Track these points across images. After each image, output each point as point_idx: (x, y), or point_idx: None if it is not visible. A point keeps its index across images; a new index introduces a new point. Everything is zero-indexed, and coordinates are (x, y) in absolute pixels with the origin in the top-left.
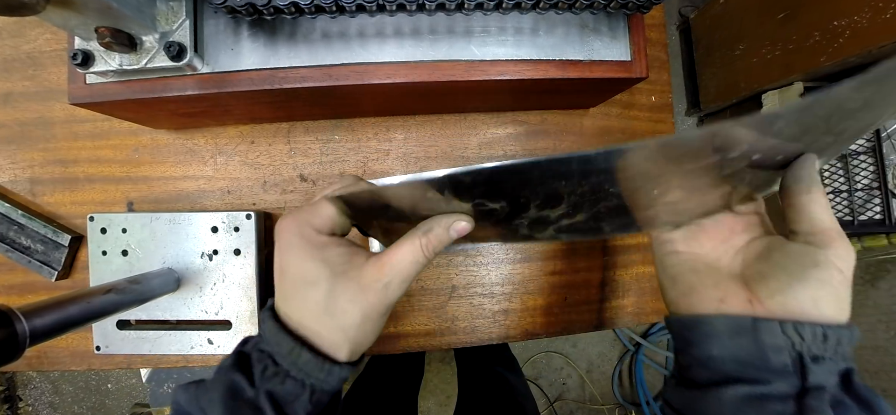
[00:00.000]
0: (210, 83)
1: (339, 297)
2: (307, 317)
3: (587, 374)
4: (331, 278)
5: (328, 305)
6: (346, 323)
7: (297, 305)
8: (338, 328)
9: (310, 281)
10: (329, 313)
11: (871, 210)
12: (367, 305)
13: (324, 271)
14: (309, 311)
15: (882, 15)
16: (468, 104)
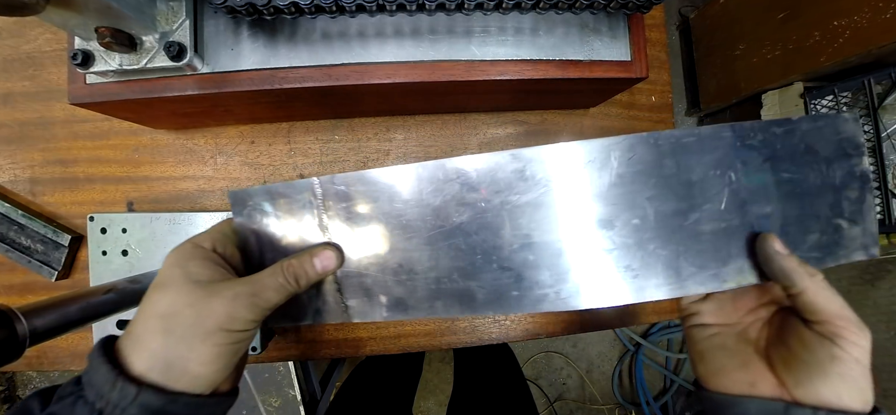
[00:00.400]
0: (210, 83)
1: (177, 299)
2: (140, 319)
3: (587, 374)
4: (179, 283)
5: (166, 307)
6: (172, 326)
7: (140, 311)
8: (158, 334)
9: (160, 284)
10: (162, 315)
11: None
12: (204, 311)
13: (176, 276)
14: (145, 312)
15: (882, 15)
16: (468, 104)
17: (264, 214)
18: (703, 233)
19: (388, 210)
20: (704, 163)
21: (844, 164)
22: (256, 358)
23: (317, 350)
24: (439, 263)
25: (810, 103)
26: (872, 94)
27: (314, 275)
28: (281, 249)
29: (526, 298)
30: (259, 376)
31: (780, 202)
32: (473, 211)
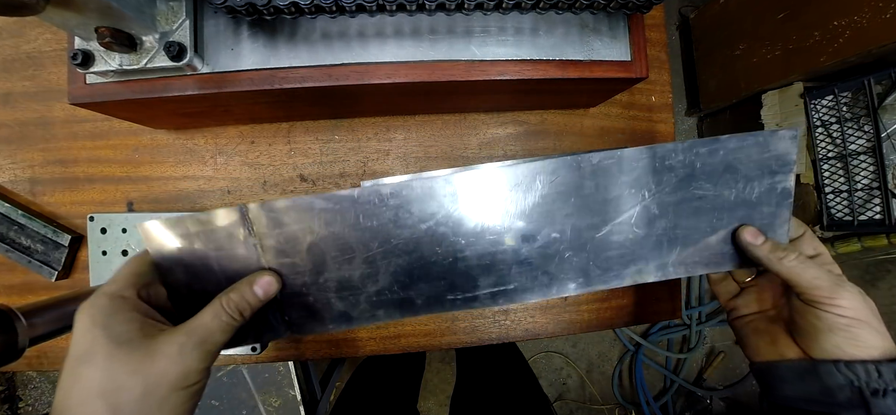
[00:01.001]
0: (210, 83)
1: (116, 369)
2: (75, 406)
3: (587, 374)
4: (109, 349)
5: (100, 384)
6: (119, 402)
7: (70, 396)
8: (105, 411)
9: (86, 357)
10: (100, 394)
11: (871, 210)
12: (151, 377)
13: (100, 341)
14: (77, 398)
15: (882, 15)
16: (468, 104)
17: (190, 245)
18: (612, 243)
19: (324, 234)
20: (621, 183)
21: (767, 180)
22: (256, 358)
23: (317, 350)
24: (379, 279)
25: (810, 103)
26: (872, 94)
27: (256, 303)
28: (212, 279)
29: (459, 300)
30: (259, 376)
31: (686, 217)
32: (410, 231)
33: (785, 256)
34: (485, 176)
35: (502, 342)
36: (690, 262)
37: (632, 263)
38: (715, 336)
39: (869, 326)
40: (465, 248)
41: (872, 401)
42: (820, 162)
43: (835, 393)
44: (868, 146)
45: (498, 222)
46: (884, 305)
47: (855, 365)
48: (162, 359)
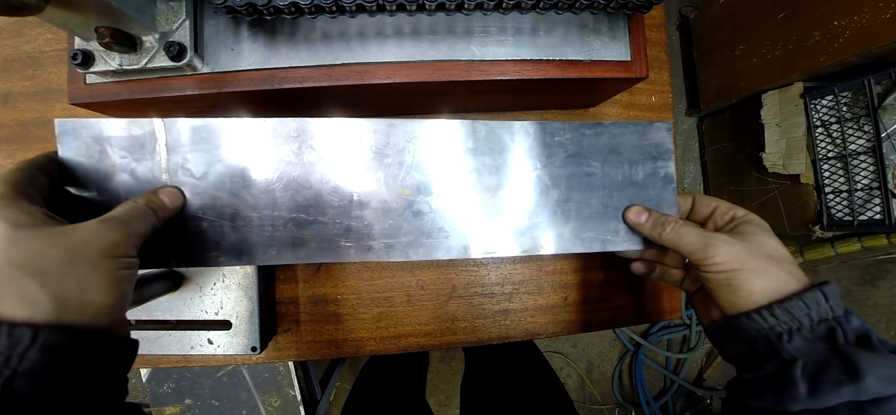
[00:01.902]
0: (210, 83)
1: (28, 244)
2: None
3: (587, 374)
4: (13, 231)
5: (10, 255)
6: (42, 266)
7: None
8: (27, 277)
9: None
10: (13, 264)
11: (871, 210)
12: (75, 243)
13: (2, 227)
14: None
15: (882, 15)
16: (468, 104)
17: (100, 152)
18: (506, 208)
19: (229, 159)
20: (514, 151)
21: (650, 165)
22: (256, 358)
23: (317, 350)
24: (275, 214)
25: (810, 103)
26: (872, 94)
27: (165, 208)
28: (117, 189)
29: (352, 248)
30: (259, 376)
31: (578, 191)
32: (308, 168)
33: (663, 230)
34: (387, 126)
35: (502, 342)
36: (587, 237)
37: (528, 231)
38: None
39: (748, 271)
40: (361, 195)
41: (779, 346)
42: (820, 162)
43: (754, 345)
44: (868, 146)
45: (396, 173)
46: (884, 304)
47: (752, 314)
48: (82, 231)
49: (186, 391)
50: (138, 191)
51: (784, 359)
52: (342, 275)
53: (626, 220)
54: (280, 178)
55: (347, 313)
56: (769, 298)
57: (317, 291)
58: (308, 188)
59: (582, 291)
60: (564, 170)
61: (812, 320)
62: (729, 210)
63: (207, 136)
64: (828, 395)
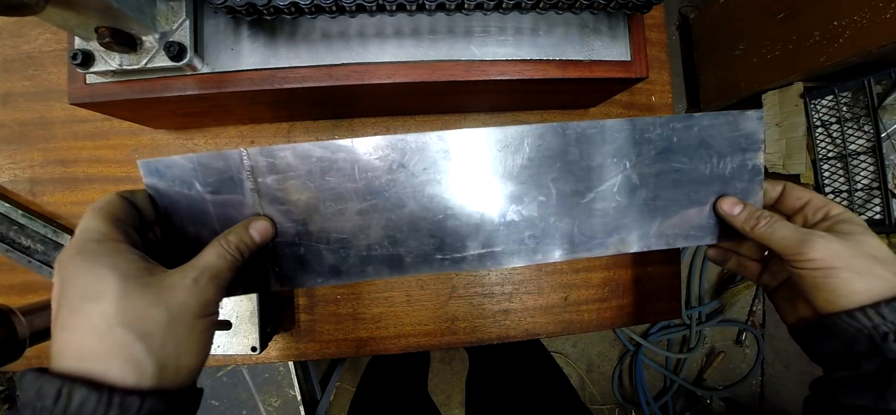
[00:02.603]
0: (210, 83)
1: (135, 303)
2: (90, 341)
3: (587, 374)
4: (121, 285)
5: (121, 315)
6: (148, 329)
7: (76, 333)
8: (136, 341)
9: (92, 294)
10: (123, 324)
11: (871, 210)
12: (174, 304)
13: (111, 278)
14: (93, 331)
15: (882, 15)
16: (468, 104)
17: (186, 187)
18: (595, 210)
19: (319, 183)
20: (604, 152)
21: (738, 157)
22: (256, 358)
23: (317, 350)
24: (370, 233)
25: (810, 103)
26: (872, 94)
27: (253, 247)
28: (207, 222)
29: (448, 260)
30: (259, 376)
31: (666, 188)
32: (402, 186)
33: (756, 224)
34: (475, 135)
35: (502, 342)
36: (671, 233)
37: (615, 232)
38: (715, 336)
39: (850, 270)
40: (454, 207)
41: (884, 346)
42: (820, 162)
43: (853, 344)
44: (868, 146)
45: (487, 182)
46: None
47: (855, 313)
48: (179, 291)
49: None
50: (229, 222)
51: (888, 358)
52: None
53: (718, 210)
54: (373, 196)
55: (347, 313)
56: (874, 299)
57: (317, 291)
58: (401, 206)
59: (582, 292)
60: (653, 167)
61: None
62: (823, 206)
63: (295, 162)
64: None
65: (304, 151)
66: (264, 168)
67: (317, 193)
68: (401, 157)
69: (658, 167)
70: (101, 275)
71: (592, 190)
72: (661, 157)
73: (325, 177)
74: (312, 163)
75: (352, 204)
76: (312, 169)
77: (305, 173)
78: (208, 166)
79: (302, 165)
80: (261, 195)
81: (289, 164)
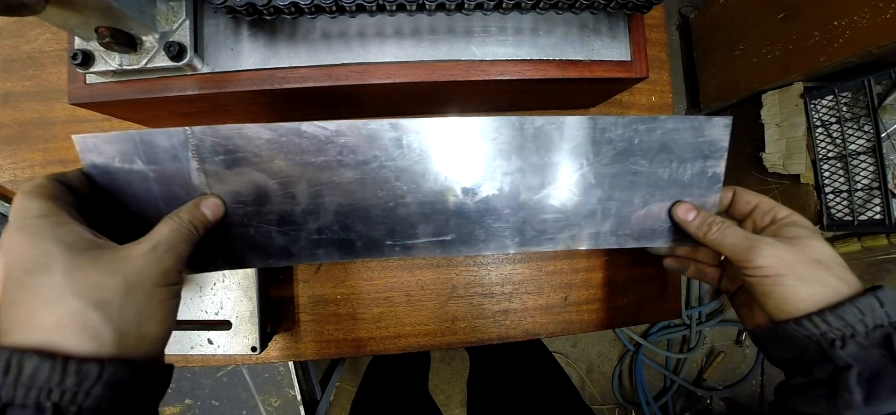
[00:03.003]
0: (210, 83)
1: (86, 272)
2: (40, 313)
3: (587, 374)
4: (69, 256)
5: (72, 286)
6: (104, 298)
7: (24, 308)
8: (90, 310)
9: (38, 267)
10: (75, 294)
11: (871, 210)
12: (130, 272)
13: (57, 250)
14: (42, 303)
15: (882, 15)
16: (468, 104)
17: (128, 164)
18: (548, 206)
19: (269, 165)
20: (562, 148)
21: (699, 163)
22: (256, 358)
23: (317, 350)
24: (320, 217)
25: (810, 103)
26: (872, 94)
27: (207, 222)
28: (150, 201)
29: (398, 246)
30: (259, 376)
31: (622, 189)
32: (353, 171)
33: (709, 230)
34: (429, 125)
35: (502, 342)
36: (622, 233)
37: (566, 229)
38: (715, 336)
39: (794, 276)
40: (406, 194)
41: (831, 353)
42: (820, 162)
43: (804, 351)
44: (868, 146)
45: (440, 172)
46: None
47: (802, 321)
48: (136, 260)
49: (186, 391)
50: (178, 202)
51: (837, 366)
52: (342, 275)
53: (673, 215)
54: (323, 180)
55: (347, 313)
56: (819, 305)
57: (317, 291)
58: (352, 191)
59: (582, 291)
60: (611, 167)
61: (866, 327)
62: (771, 208)
63: (242, 143)
64: (884, 402)
65: (253, 132)
66: (211, 148)
67: (266, 174)
68: (353, 142)
69: (616, 167)
70: (47, 248)
71: (547, 186)
72: (621, 157)
73: (274, 159)
74: (261, 145)
75: (302, 187)
76: (261, 151)
77: (253, 154)
78: (151, 144)
79: (250, 147)
80: (208, 175)
81: (236, 145)
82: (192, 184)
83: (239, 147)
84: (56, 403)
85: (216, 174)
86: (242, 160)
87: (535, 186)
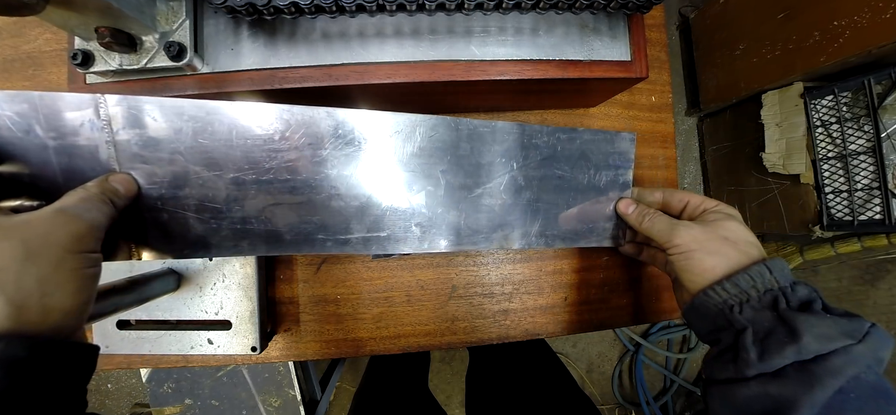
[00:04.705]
0: (210, 83)
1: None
2: None
3: (587, 374)
4: None
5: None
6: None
7: None
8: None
9: None
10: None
11: (871, 210)
12: (33, 236)
13: None
14: None
15: (882, 15)
16: (468, 104)
17: (23, 129)
18: (482, 206)
19: (191, 144)
20: (494, 151)
21: (612, 172)
22: (256, 358)
23: (317, 350)
24: (246, 205)
25: (810, 103)
26: (872, 94)
27: (121, 197)
28: (48, 174)
29: (331, 241)
30: (259, 375)
31: (548, 192)
32: (284, 159)
33: (642, 220)
34: (366, 117)
35: (502, 342)
36: (550, 234)
37: (499, 229)
38: None
39: (704, 251)
40: (340, 187)
41: (731, 317)
42: (820, 162)
43: (715, 320)
44: (868, 146)
45: (376, 166)
46: (884, 304)
47: (707, 290)
48: (39, 223)
49: (186, 391)
50: (80, 179)
51: (737, 329)
52: (342, 275)
53: (617, 209)
54: (250, 166)
55: (347, 313)
56: (719, 276)
57: (317, 292)
58: (282, 180)
59: (582, 291)
60: (538, 172)
61: (758, 291)
62: (701, 203)
63: (162, 118)
64: (774, 357)
65: (175, 107)
66: (124, 120)
67: (186, 155)
68: (285, 128)
69: (542, 172)
70: None
71: (480, 186)
72: (546, 163)
73: (197, 139)
74: (184, 121)
75: (226, 172)
76: (183, 128)
77: (173, 132)
78: (53, 109)
79: (170, 123)
80: (118, 150)
81: (155, 119)
82: (98, 159)
83: (157, 121)
84: None
85: (128, 150)
86: (160, 136)
87: (469, 186)
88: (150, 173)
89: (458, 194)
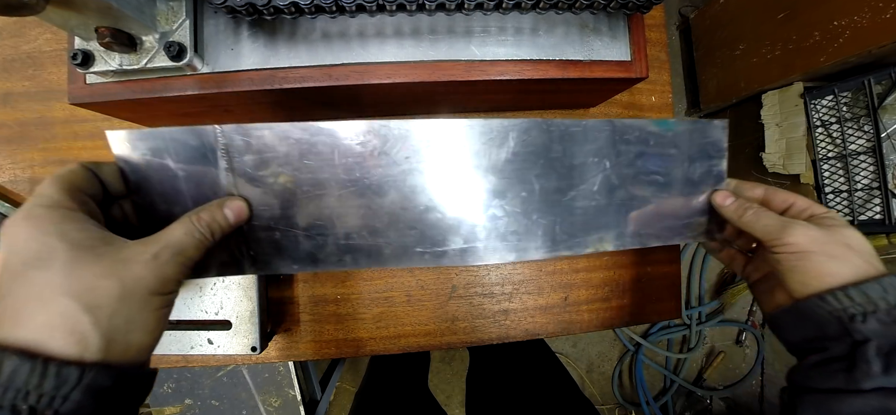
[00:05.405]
0: (210, 83)
1: (84, 272)
2: (31, 309)
3: (587, 374)
4: (70, 253)
5: (67, 285)
6: (97, 302)
7: (16, 301)
8: (82, 313)
9: (36, 261)
10: (69, 294)
11: (871, 210)
12: (128, 278)
13: (59, 245)
14: (35, 300)
15: (882, 15)
16: (468, 104)
17: (158, 162)
18: (576, 208)
19: (298, 166)
20: (585, 151)
21: (705, 163)
22: (256, 358)
23: (317, 350)
24: (349, 221)
25: (810, 103)
26: (872, 94)
27: (226, 227)
28: (179, 199)
29: (428, 254)
30: (259, 376)
31: (643, 189)
32: (382, 174)
33: (744, 213)
34: (459, 126)
35: (502, 342)
36: (644, 233)
37: (594, 231)
38: (715, 336)
39: (824, 254)
40: (436, 199)
41: (851, 327)
42: (820, 162)
43: (824, 327)
44: (868, 146)
45: (470, 175)
46: None
47: (825, 296)
48: (136, 265)
49: (186, 391)
50: (203, 201)
51: (856, 339)
52: (342, 275)
53: (712, 201)
54: (352, 183)
55: (348, 313)
56: (843, 282)
57: (317, 292)
58: (381, 195)
59: (582, 291)
60: (630, 169)
61: (888, 303)
62: (808, 206)
63: (272, 142)
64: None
65: (283, 131)
66: (240, 147)
67: (294, 176)
68: (382, 143)
69: (635, 169)
70: (48, 242)
71: (574, 188)
72: (638, 159)
73: (303, 160)
74: (291, 144)
75: (331, 190)
76: (291, 151)
77: (283, 155)
78: (181, 142)
79: (280, 146)
80: (236, 175)
81: (266, 144)
82: (219, 184)
83: (268, 147)
84: (32, 406)
85: (244, 175)
86: (271, 160)
87: (563, 188)
88: (264, 195)
89: (553, 198)
